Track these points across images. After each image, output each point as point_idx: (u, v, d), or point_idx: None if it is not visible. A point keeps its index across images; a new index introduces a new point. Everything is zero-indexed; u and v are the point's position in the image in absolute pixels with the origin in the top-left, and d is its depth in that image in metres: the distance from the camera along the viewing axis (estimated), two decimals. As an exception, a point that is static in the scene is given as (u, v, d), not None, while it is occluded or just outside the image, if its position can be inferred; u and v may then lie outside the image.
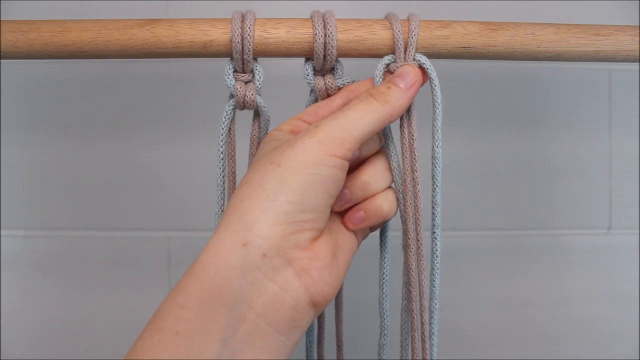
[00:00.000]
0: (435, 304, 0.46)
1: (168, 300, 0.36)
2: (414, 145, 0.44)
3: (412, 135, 0.44)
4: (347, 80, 0.44)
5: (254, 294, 0.36)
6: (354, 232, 0.43)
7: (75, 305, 0.67)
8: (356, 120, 0.39)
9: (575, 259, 0.68)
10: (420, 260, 0.45)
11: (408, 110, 0.44)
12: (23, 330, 0.68)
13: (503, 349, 0.68)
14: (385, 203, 0.43)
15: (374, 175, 0.43)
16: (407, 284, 0.45)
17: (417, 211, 0.44)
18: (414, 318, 0.45)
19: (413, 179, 0.44)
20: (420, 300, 0.45)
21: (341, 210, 0.43)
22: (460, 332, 0.68)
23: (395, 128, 0.44)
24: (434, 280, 0.46)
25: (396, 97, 0.41)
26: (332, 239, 0.40)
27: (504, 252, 0.68)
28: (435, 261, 0.46)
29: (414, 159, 0.44)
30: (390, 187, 0.44)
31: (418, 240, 0.45)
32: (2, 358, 0.67)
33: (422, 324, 0.45)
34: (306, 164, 0.37)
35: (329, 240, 0.39)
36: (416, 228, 0.44)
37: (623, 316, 0.68)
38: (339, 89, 0.44)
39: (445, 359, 0.65)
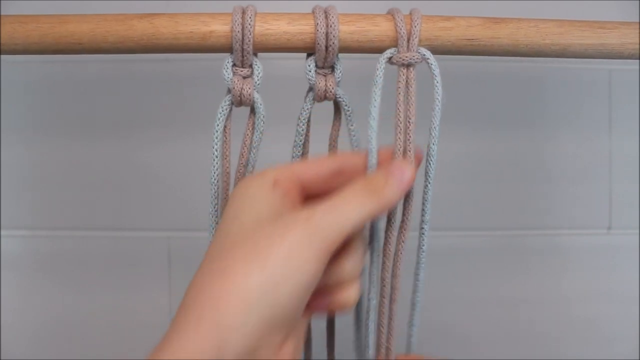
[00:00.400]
0: (418, 297, 0.47)
1: None
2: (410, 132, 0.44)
3: (409, 124, 0.44)
4: (349, 121, 0.45)
5: None
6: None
7: (75, 305, 0.67)
8: (350, 215, 0.37)
9: (575, 259, 0.68)
10: (398, 261, 0.45)
11: (407, 99, 0.44)
12: (23, 330, 0.68)
13: (503, 349, 0.68)
14: (354, 294, 0.40)
15: (354, 263, 0.40)
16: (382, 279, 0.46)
17: (408, 205, 0.44)
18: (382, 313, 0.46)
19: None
20: (391, 297, 0.46)
21: None
22: (460, 332, 0.68)
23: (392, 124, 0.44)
24: (418, 274, 0.46)
25: (392, 191, 0.39)
26: (296, 333, 0.38)
27: (504, 252, 0.68)
28: (421, 256, 0.46)
29: (408, 149, 0.44)
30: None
31: (400, 240, 0.45)
32: (2, 358, 0.67)
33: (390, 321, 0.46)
34: (297, 265, 0.34)
35: (294, 336, 0.38)
36: (402, 225, 0.45)
37: (623, 316, 0.68)
38: (337, 97, 0.44)
39: (445, 359, 0.65)
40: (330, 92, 0.44)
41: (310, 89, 0.44)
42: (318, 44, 0.42)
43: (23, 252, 0.67)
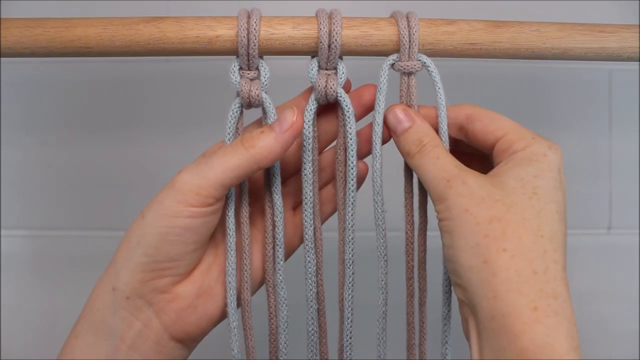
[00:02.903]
0: (448, 310, 0.45)
1: (71, 330, 0.42)
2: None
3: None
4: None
5: (124, 329, 0.41)
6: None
7: (75, 305, 0.67)
8: (216, 167, 0.40)
9: (576, 259, 0.68)
10: (422, 263, 0.45)
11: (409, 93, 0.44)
12: (23, 330, 0.68)
13: (503, 348, 0.69)
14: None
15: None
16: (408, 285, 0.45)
17: (424, 204, 0.44)
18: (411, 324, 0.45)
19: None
20: (420, 304, 0.45)
21: None
22: (460, 331, 0.68)
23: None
24: (446, 286, 0.44)
25: (266, 141, 0.41)
26: (202, 281, 0.43)
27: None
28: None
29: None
30: None
31: (421, 242, 0.45)
32: (2, 357, 0.67)
33: (422, 327, 0.45)
34: (162, 216, 0.40)
35: (195, 282, 0.43)
36: (421, 226, 0.44)
37: (623, 316, 0.68)
38: (338, 97, 0.44)
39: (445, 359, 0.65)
40: (331, 90, 0.43)
41: (314, 89, 0.44)
42: (321, 42, 0.42)
43: (23, 252, 0.67)
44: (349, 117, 0.44)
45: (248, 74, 0.43)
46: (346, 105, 0.44)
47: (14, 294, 0.67)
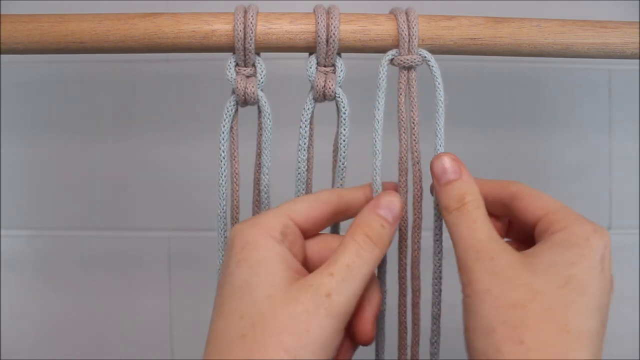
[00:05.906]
0: (438, 310, 0.45)
1: None
2: (415, 129, 0.44)
3: (414, 125, 0.44)
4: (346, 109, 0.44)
5: None
6: None
7: (75, 305, 0.67)
8: (363, 280, 0.35)
9: (576, 259, 0.68)
10: (416, 262, 0.44)
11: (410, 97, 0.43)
12: (23, 330, 0.68)
13: (503, 349, 0.68)
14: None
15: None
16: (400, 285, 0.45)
17: (419, 204, 0.44)
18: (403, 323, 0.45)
19: (414, 172, 0.43)
20: (413, 300, 0.45)
21: None
22: (460, 332, 0.68)
23: (393, 119, 0.44)
24: (436, 284, 0.44)
25: (391, 233, 0.37)
26: None
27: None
28: (438, 264, 0.44)
29: (415, 150, 0.43)
30: None
31: (415, 241, 0.44)
32: (2, 358, 0.67)
33: (414, 327, 0.45)
34: (322, 348, 0.33)
35: None
36: (415, 224, 0.44)
37: (623, 316, 0.68)
38: (336, 97, 0.43)
39: (445, 359, 0.65)
40: (330, 89, 0.43)
41: (312, 86, 0.44)
42: (319, 36, 0.42)
43: (23, 252, 0.67)
44: (344, 119, 0.44)
45: (244, 70, 0.43)
46: (343, 106, 0.44)
47: (15, 294, 0.67)
